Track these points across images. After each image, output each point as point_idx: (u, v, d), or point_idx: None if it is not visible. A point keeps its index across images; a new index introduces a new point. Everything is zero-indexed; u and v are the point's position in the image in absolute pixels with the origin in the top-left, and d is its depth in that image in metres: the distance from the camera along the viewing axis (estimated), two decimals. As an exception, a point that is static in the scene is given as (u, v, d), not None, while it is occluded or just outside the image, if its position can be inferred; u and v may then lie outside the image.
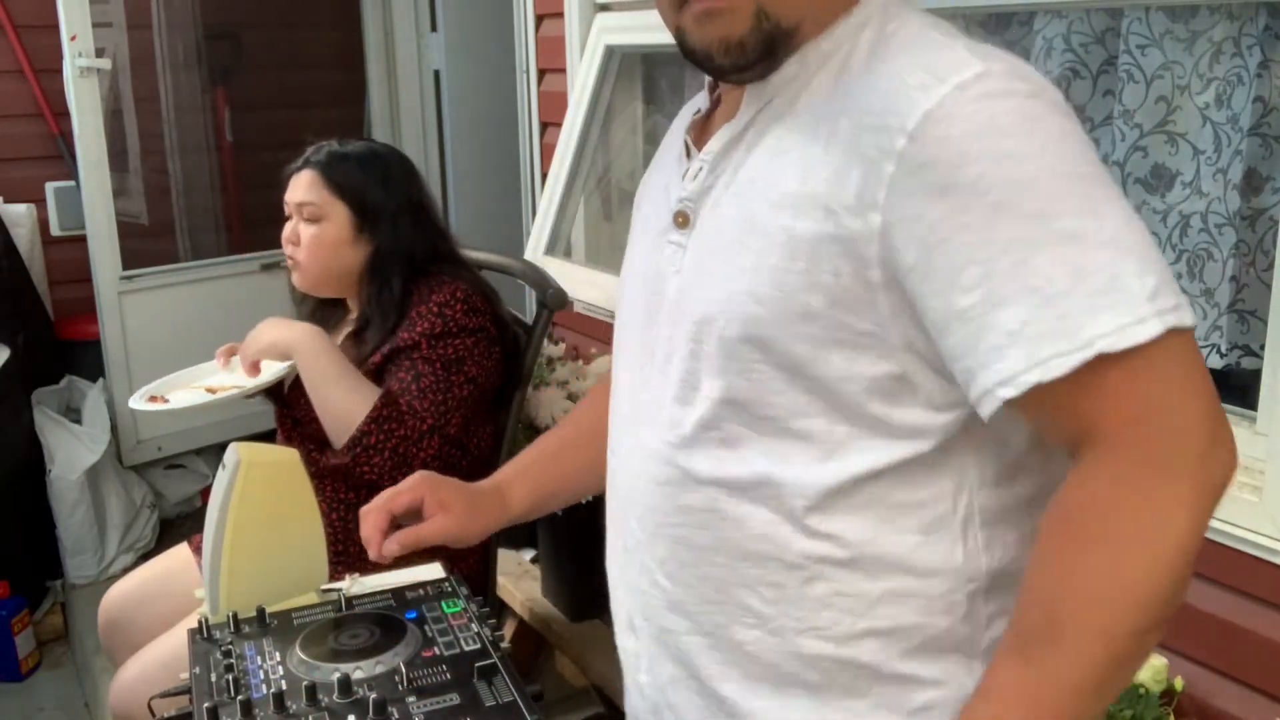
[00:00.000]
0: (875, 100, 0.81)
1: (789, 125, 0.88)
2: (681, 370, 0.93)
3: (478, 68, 3.90)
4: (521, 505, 1.27)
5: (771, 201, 0.86)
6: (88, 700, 2.77)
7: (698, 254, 0.93)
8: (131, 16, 3.47)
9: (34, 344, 3.17)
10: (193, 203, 3.73)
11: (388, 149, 1.96)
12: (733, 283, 0.88)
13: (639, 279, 1.02)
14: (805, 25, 0.88)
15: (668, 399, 0.94)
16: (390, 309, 1.83)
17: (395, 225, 1.86)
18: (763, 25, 0.86)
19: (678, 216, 0.96)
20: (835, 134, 0.83)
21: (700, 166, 0.94)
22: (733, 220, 0.90)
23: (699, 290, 0.91)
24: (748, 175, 0.90)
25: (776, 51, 0.88)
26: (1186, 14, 1.59)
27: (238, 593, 1.28)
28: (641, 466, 0.97)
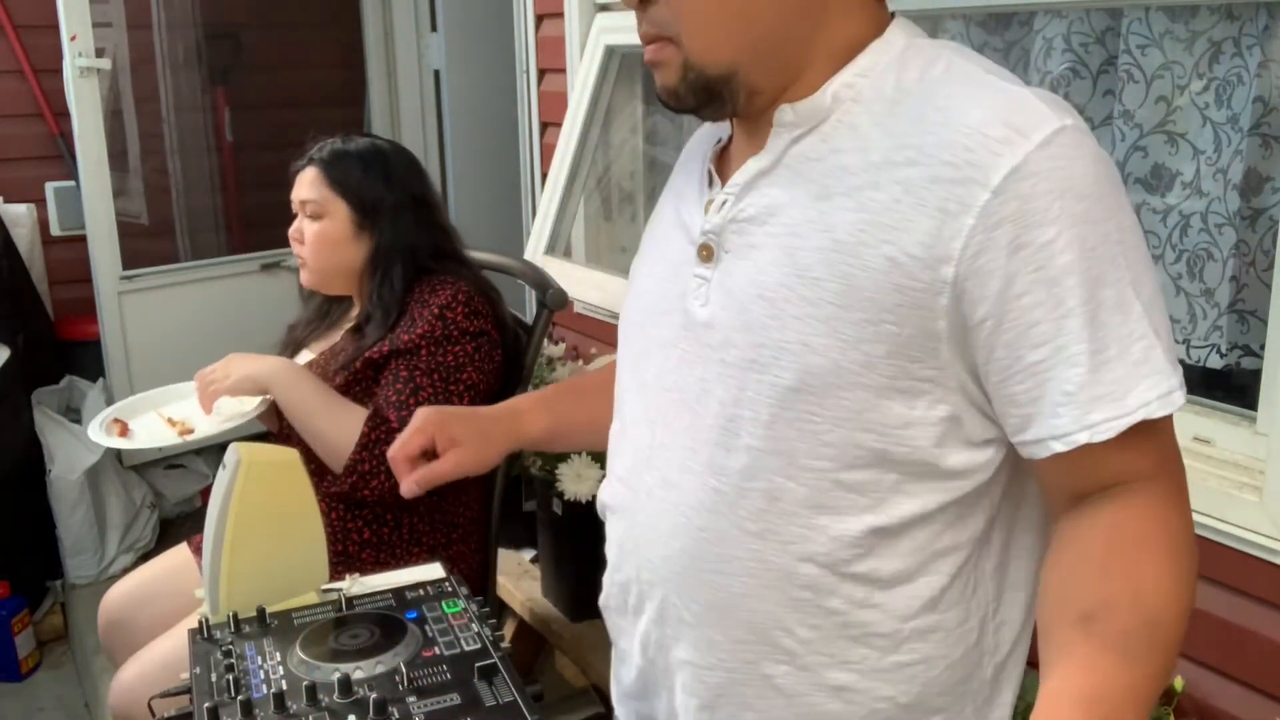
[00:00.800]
0: (952, 152, 0.80)
1: (832, 164, 0.87)
2: (722, 416, 0.91)
3: (478, 68, 3.90)
4: (538, 430, 1.26)
5: (823, 248, 0.85)
6: (88, 700, 2.77)
7: (732, 294, 0.91)
8: (131, 16, 3.47)
9: (34, 344, 3.17)
10: (193, 203, 3.73)
11: (393, 145, 1.95)
12: (785, 331, 0.86)
13: (656, 310, 0.99)
14: (741, 71, 0.88)
15: (704, 442, 0.92)
16: (391, 304, 1.83)
17: (396, 221, 1.86)
18: (688, 76, 0.88)
19: (701, 250, 0.94)
20: (902, 183, 0.82)
21: (725, 200, 0.92)
22: (777, 264, 0.87)
23: (742, 335, 0.89)
24: (787, 217, 0.88)
25: (719, 97, 0.89)
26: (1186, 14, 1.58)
27: (238, 593, 1.28)
28: (672, 508, 0.95)
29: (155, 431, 1.86)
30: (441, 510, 1.87)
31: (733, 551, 0.91)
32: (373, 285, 1.86)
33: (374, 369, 1.80)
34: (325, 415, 1.74)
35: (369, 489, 1.73)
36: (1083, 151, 0.80)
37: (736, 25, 0.86)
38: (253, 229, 3.75)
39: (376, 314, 1.83)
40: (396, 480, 1.70)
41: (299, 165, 1.91)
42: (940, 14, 1.89)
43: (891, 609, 0.90)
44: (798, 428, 0.87)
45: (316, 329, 1.99)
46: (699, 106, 0.91)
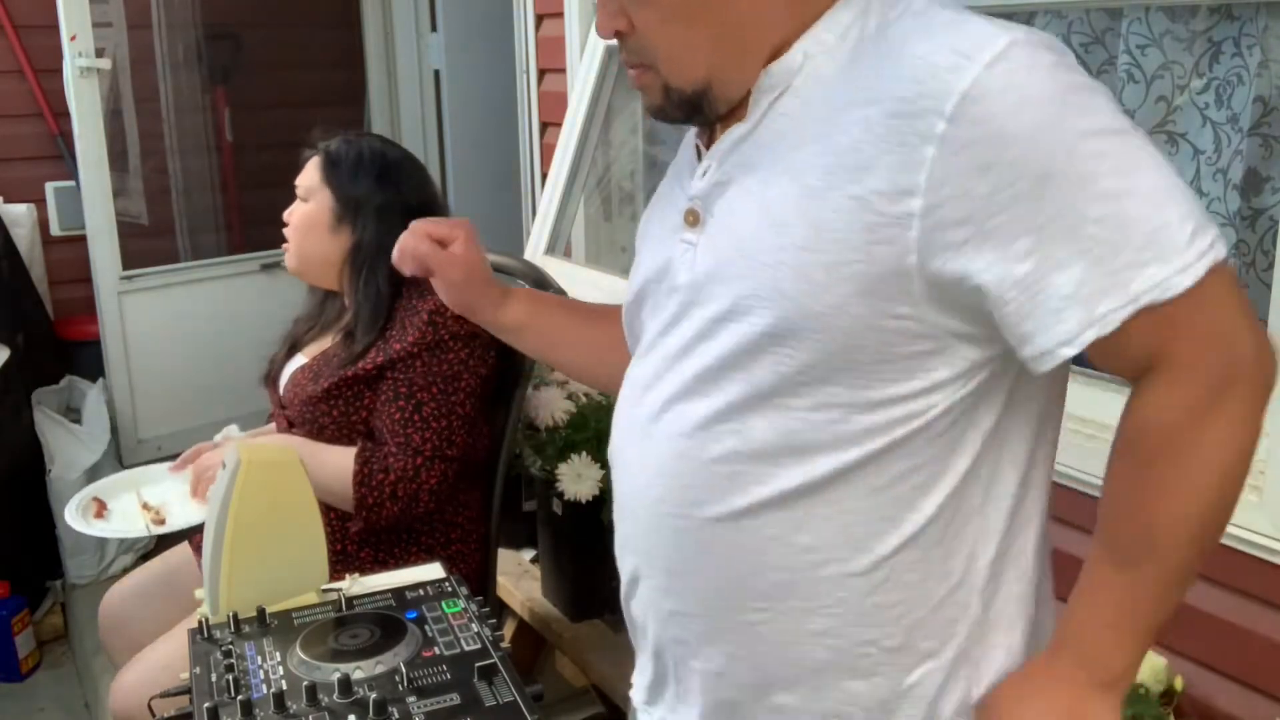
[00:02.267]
0: (904, 86, 0.82)
1: (803, 118, 0.89)
2: (700, 366, 0.93)
3: (478, 68, 3.90)
4: (515, 313, 1.26)
5: (795, 195, 0.87)
6: (88, 700, 2.77)
7: (714, 252, 0.93)
8: (131, 16, 3.47)
9: (34, 344, 3.17)
10: (193, 203, 3.73)
11: (400, 151, 1.94)
12: (758, 279, 0.88)
13: (650, 282, 1.02)
14: (716, 80, 0.92)
15: (681, 394, 0.95)
16: (379, 305, 1.82)
17: (381, 222, 1.85)
18: (671, 96, 0.94)
19: (688, 215, 0.97)
20: (862, 122, 0.84)
21: (709, 165, 0.95)
22: (750, 214, 0.90)
23: (721, 287, 0.91)
24: (764, 170, 0.91)
25: (700, 109, 0.94)
26: (1186, 14, 1.59)
27: (238, 593, 1.28)
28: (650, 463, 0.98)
29: (129, 518, 1.89)
30: (440, 510, 1.87)
31: (705, 495, 0.94)
32: (357, 283, 1.86)
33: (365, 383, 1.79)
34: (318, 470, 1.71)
35: (383, 519, 1.75)
36: (1036, 60, 0.80)
37: (704, 48, 0.92)
38: (253, 229, 3.75)
39: (364, 314, 1.83)
40: (401, 504, 1.72)
41: (307, 153, 1.93)
42: (940, 14, 1.89)
43: (866, 546, 0.91)
44: (773, 372, 0.88)
45: (312, 328, 1.99)
46: (686, 119, 0.97)
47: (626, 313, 1.12)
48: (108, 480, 2.02)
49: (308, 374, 1.86)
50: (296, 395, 1.85)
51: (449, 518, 1.88)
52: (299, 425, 1.85)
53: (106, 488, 1.97)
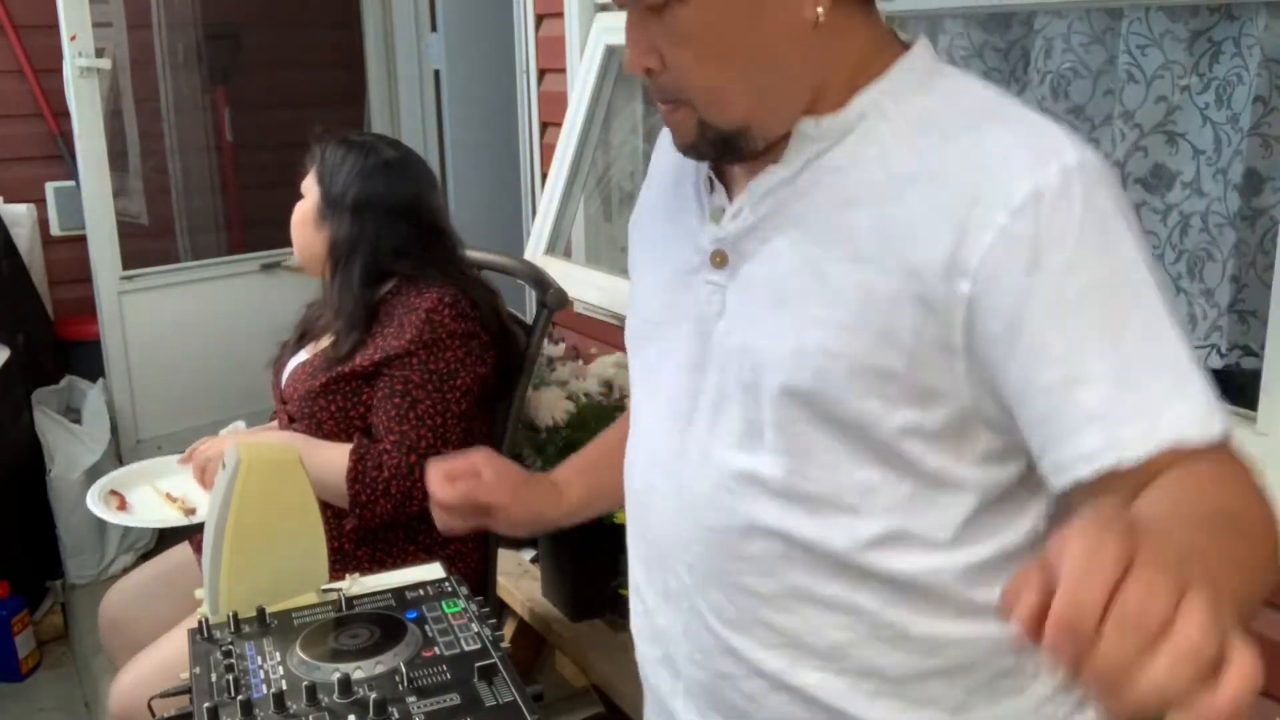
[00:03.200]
0: (975, 171, 0.82)
1: (855, 179, 0.87)
2: (741, 420, 0.92)
3: (478, 68, 3.90)
4: (576, 493, 1.24)
5: (844, 256, 0.86)
6: (88, 700, 2.77)
7: (749, 300, 0.92)
8: (131, 16, 3.47)
9: (34, 344, 3.17)
10: (193, 203, 3.73)
11: (394, 152, 1.94)
12: (802, 337, 0.87)
13: (666, 321, 1.00)
14: (755, 123, 0.89)
15: (722, 446, 0.93)
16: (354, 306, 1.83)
17: (358, 219, 1.86)
18: (706, 134, 0.90)
19: (715, 256, 0.94)
20: (924, 200, 0.83)
21: (742, 208, 0.93)
22: (795, 271, 0.89)
23: (759, 339, 0.90)
24: (809, 225, 0.89)
25: (736, 147, 0.90)
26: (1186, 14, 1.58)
27: (238, 593, 1.28)
28: (690, 514, 0.96)
29: (157, 508, 1.89)
30: (439, 510, 1.87)
31: (753, 549, 0.92)
32: (334, 279, 1.87)
33: (363, 376, 1.80)
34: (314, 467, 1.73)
35: (376, 516, 1.75)
36: (1103, 182, 0.81)
37: (743, 89, 0.88)
38: (253, 229, 3.75)
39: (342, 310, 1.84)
40: (395, 501, 1.72)
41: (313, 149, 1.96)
42: (940, 14, 1.89)
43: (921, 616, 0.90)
44: (815, 429, 0.88)
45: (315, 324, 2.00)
46: (718, 157, 0.93)
47: (631, 341, 1.08)
48: (119, 473, 2.02)
49: (307, 370, 1.87)
50: (296, 391, 1.86)
51: (448, 517, 1.89)
52: (299, 420, 1.86)
53: (121, 480, 1.97)
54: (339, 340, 1.85)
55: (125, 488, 1.95)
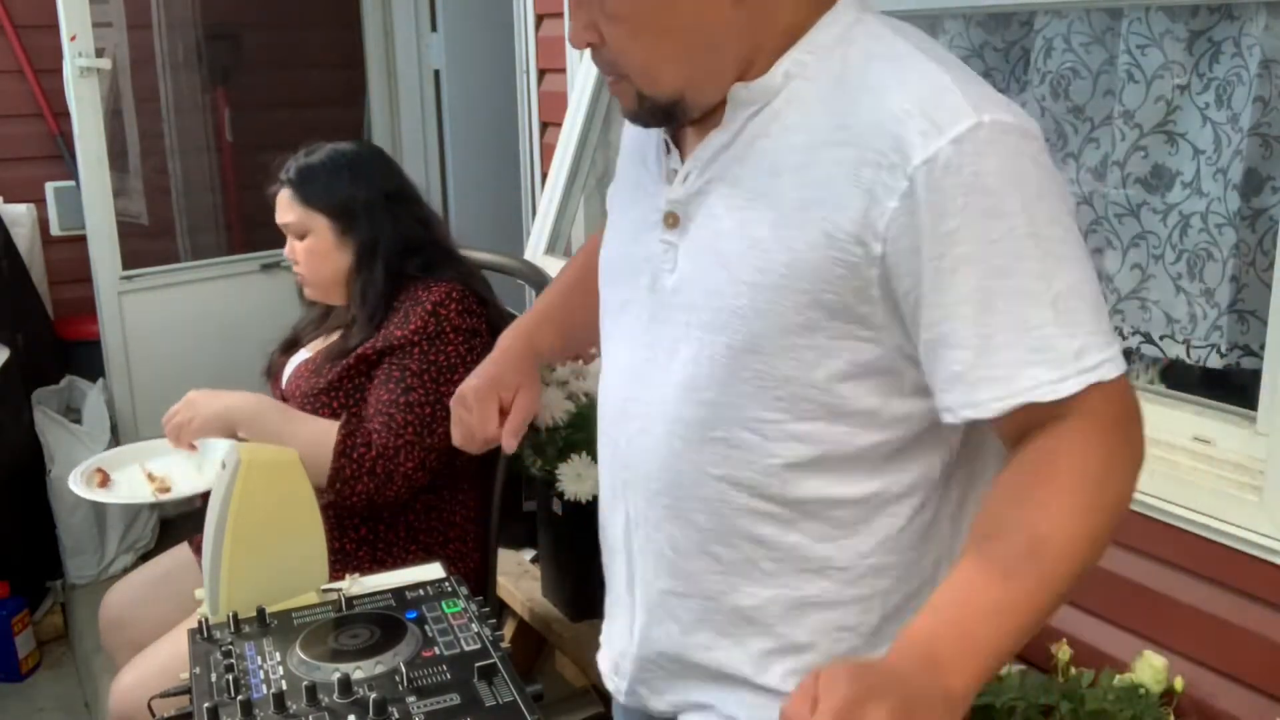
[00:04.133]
0: (879, 138, 0.87)
1: (782, 142, 0.93)
2: (685, 373, 0.99)
3: (478, 68, 3.90)
4: (548, 347, 1.35)
5: (772, 221, 0.92)
6: (88, 700, 2.77)
7: (695, 259, 0.98)
8: (131, 16, 3.47)
9: (34, 344, 3.17)
10: (193, 203, 3.73)
11: (355, 147, 1.95)
12: (739, 297, 0.94)
13: (626, 270, 1.07)
14: (689, 92, 0.95)
15: (672, 398, 1.01)
16: (375, 301, 1.83)
17: (371, 218, 1.87)
18: (644, 104, 0.97)
19: (668, 217, 1.01)
20: (838, 162, 0.89)
21: (690, 171, 0.99)
22: (733, 234, 0.95)
23: (703, 298, 0.97)
24: (745, 190, 0.95)
25: (674, 115, 0.97)
26: (1186, 14, 1.58)
27: (238, 593, 1.28)
28: (651, 453, 1.03)
29: (134, 486, 1.88)
30: (438, 509, 1.87)
31: (700, 493, 1.00)
32: (358, 283, 1.87)
33: (367, 365, 1.81)
34: (293, 436, 1.73)
35: (355, 494, 1.74)
36: (996, 148, 0.85)
37: (674, 63, 0.94)
38: (253, 229, 3.75)
39: (361, 312, 1.85)
40: (377, 481, 1.72)
41: (273, 189, 1.92)
42: (940, 14, 1.89)
43: (849, 546, 0.99)
44: (752, 384, 0.95)
45: (317, 329, 2.00)
46: (660, 124, 1.01)
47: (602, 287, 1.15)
48: (111, 452, 2.00)
49: (310, 367, 1.88)
50: (298, 388, 1.86)
51: (446, 516, 1.89)
52: None
53: (110, 459, 1.96)
54: (349, 335, 1.85)
55: (114, 467, 1.93)
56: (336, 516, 1.79)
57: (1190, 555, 1.45)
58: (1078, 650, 1.52)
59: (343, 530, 1.80)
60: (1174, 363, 1.66)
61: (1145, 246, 1.68)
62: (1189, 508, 1.43)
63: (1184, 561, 1.46)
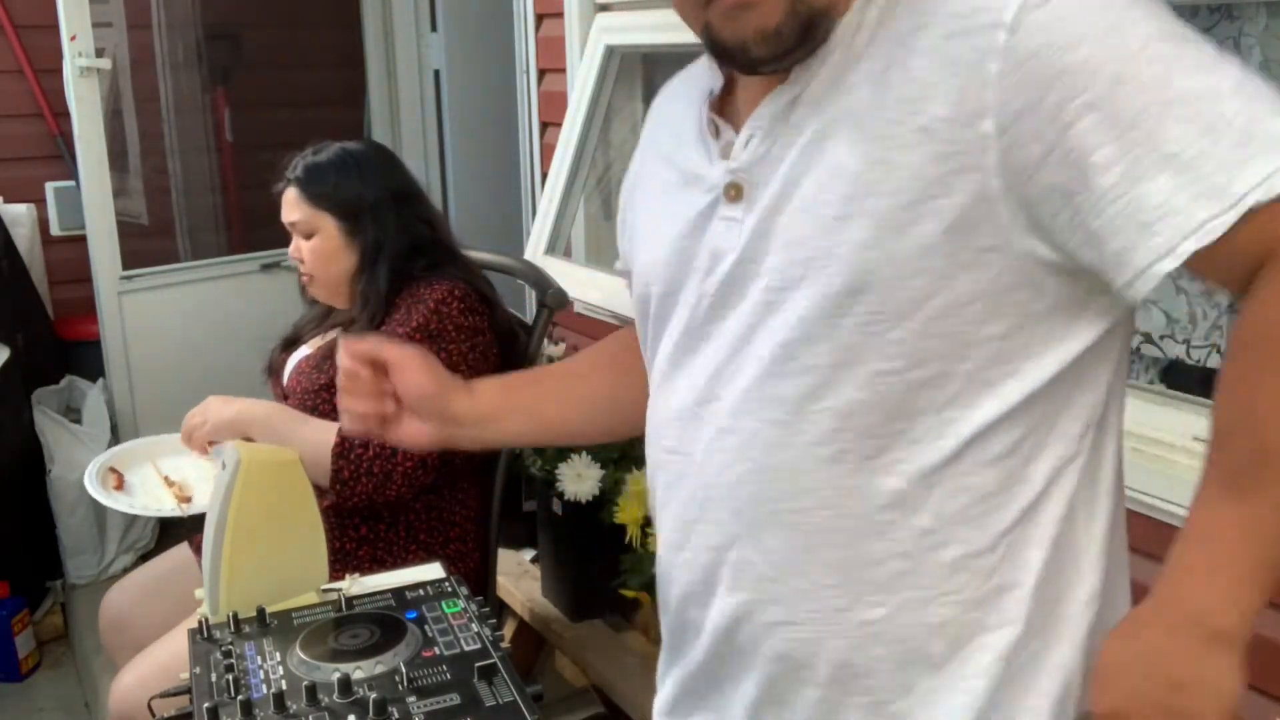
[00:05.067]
0: (957, 4, 0.78)
1: (848, 63, 0.83)
2: (773, 343, 0.86)
3: (478, 68, 3.90)
4: (488, 400, 1.15)
5: (853, 140, 0.81)
6: (88, 700, 2.77)
7: (768, 219, 0.86)
8: (131, 16, 3.46)
9: (34, 344, 3.17)
10: (193, 203, 3.73)
11: (362, 146, 1.95)
12: (830, 236, 0.82)
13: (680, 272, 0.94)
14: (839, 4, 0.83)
15: (757, 377, 0.87)
16: (376, 301, 1.83)
17: (377, 217, 1.87)
18: (798, 9, 0.81)
19: (729, 190, 0.89)
20: (916, 51, 0.79)
21: (752, 135, 0.88)
22: (809, 174, 0.84)
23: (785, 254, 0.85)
24: (817, 123, 0.84)
25: (814, 34, 0.83)
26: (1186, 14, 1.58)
27: (238, 593, 1.28)
28: (733, 457, 0.90)
29: (154, 493, 1.85)
30: (438, 509, 1.87)
31: (806, 483, 0.86)
32: (361, 283, 1.87)
33: None
34: (302, 440, 1.74)
35: (355, 495, 1.74)
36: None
37: None
38: (253, 229, 3.75)
39: (362, 313, 1.85)
40: (375, 480, 1.72)
41: (279, 187, 1.92)
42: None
43: (987, 523, 0.84)
44: (862, 332, 0.82)
45: (318, 326, 2.01)
46: (791, 50, 0.83)
47: (640, 318, 1.03)
48: (122, 448, 1.98)
49: (310, 364, 1.88)
50: (299, 384, 1.87)
51: (446, 516, 1.89)
52: None
53: (122, 456, 1.94)
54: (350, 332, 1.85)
55: (126, 466, 1.92)
56: (336, 516, 1.79)
57: (1190, 555, 1.45)
58: (1078, 650, 1.52)
59: (343, 530, 1.80)
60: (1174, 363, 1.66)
61: (1145, 246, 1.68)
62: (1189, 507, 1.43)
63: (1184, 561, 1.46)
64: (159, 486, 1.87)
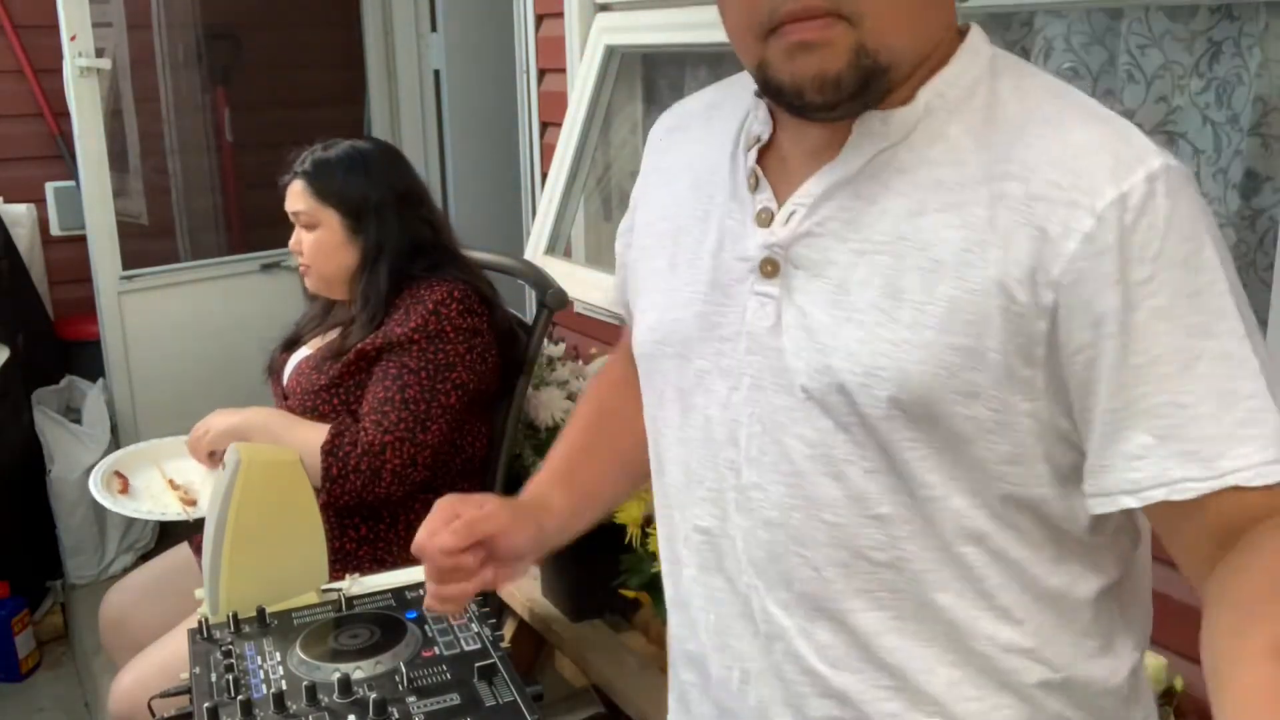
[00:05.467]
0: (1057, 171, 0.75)
1: (923, 179, 0.80)
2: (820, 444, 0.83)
3: (478, 68, 3.90)
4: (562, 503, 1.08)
5: (922, 268, 0.78)
6: (88, 700, 2.77)
7: (813, 316, 0.82)
8: (131, 16, 3.47)
9: (34, 344, 3.17)
10: (193, 203, 3.73)
11: (372, 144, 1.97)
12: (878, 358, 0.79)
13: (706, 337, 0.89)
14: (906, 62, 0.79)
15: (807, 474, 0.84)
16: (376, 302, 1.84)
17: (380, 217, 1.88)
18: (861, 62, 0.77)
19: (765, 265, 0.84)
20: (1001, 198, 0.77)
21: (795, 210, 0.84)
22: (866, 284, 0.80)
23: (827, 359, 0.81)
24: (875, 230, 0.81)
25: (870, 89, 0.79)
26: (1186, 14, 1.59)
27: (238, 593, 1.28)
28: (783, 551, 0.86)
29: (158, 497, 1.87)
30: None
31: (861, 585, 0.84)
32: (361, 283, 1.87)
33: (367, 361, 1.81)
34: (291, 439, 1.76)
35: (345, 493, 1.74)
36: (1187, 193, 0.75)
37: (920, 8, 0.79)
38: (253, 229, 3.75)
39: (362, 313, 1.85)
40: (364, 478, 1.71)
41: (285, 179, 1.93)
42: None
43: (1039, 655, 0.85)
44: (904, 455, 0.80)
45: (318, 326, 2.01)
46: (845, 100, 0.79)
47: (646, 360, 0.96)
48: (127, 451, 2.00)
49: (311, 364, 1.88)
50: (300, 385, 1.87)
51: (448, 517, 1.89)
52: (302, 415, 1.87)
53: (126, 460, 1.95)
54: (349, 334, 1.86)
55: (131, 469, 1.93)
56: (336, 516, 1.80)
57: (1190, 555, 1.45)
58: (1078, 650, 1.52)
59: (343, 530, 1.80)
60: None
61: (1145, 246, 1.68)
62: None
63: (1184, 561, 1.46)
64: (164, 490, 1.88)
